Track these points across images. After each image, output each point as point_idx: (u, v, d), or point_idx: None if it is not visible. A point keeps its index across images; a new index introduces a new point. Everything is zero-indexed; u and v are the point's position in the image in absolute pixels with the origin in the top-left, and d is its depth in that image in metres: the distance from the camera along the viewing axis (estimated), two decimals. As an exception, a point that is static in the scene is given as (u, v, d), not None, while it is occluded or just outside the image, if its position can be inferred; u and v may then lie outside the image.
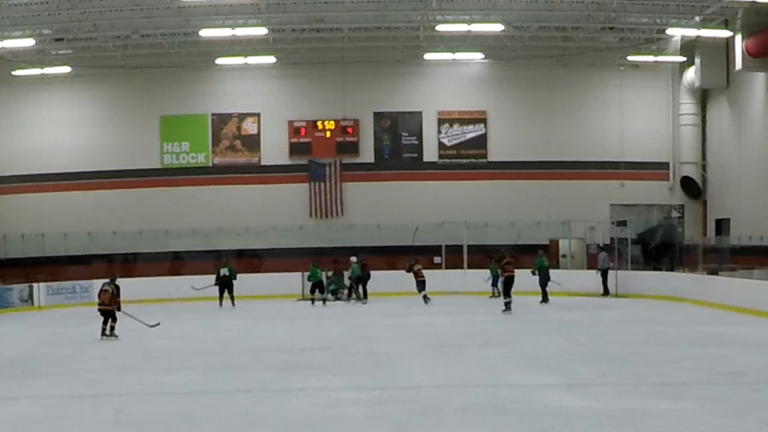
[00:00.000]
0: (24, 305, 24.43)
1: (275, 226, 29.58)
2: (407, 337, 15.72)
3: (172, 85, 30.39)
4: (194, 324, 19.59)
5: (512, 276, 20.51)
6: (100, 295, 16.81)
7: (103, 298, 16.65)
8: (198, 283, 24.52)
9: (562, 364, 12.05)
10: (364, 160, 30.83)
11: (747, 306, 18.87)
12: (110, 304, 16.53)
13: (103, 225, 29.67)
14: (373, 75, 30.41)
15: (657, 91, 30.82)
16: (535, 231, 28.95)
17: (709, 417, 8.33)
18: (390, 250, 28.89)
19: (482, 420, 8.45)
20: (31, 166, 30.45)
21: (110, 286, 16.82)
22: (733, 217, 28.07)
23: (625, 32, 28.09)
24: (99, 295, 16.92)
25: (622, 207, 30.22)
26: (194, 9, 24.82)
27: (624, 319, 18.75)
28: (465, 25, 25.99)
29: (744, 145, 27.50)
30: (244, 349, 14.47)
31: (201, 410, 9.22)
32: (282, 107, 30.83)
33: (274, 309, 23.10)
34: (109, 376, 11.83)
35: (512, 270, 20.59)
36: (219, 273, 24.37)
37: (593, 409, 8.75)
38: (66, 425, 8.65)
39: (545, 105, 30.75)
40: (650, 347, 13.74)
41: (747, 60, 24.98)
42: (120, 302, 16.73)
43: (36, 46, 26.75)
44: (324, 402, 9.47)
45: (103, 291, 16.74)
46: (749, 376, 10.72)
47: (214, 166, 30.92)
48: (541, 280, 23.27)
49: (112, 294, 16.66)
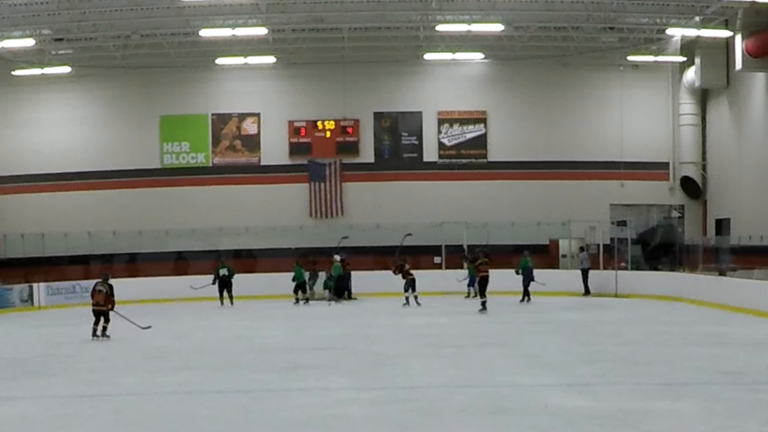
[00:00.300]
0: (24, 305, 24.43)
1: (275, 226, 29.58)
2: (407, 337, 15.72)
3: (172, 85, 30.40)
4: (194, 324, 19.59)
5: (487, 276, 20.90)
6: (95, 296, 16.58)
7: (98, 298, 16.45)
8: (196, 282, 24.61)
9: (562, 364, 12.05)
10: (364, 160, 30.84)
11: (747, 306, 18.88)
12: (105, 305, 16.37)
13: (103, 225, 29.64)
14: (373, 75, 30.42)
15: (657, 91, 30.82)
16: (535, 231, 28.97)
17: (709, 417, 8.33)
18: (390, 250, 28.84)
19: (482, 420, 8.45)
20: (31, 166, 30.45)
21: (104, 286, 16.61)
22: (733, 217, 28.07)
23: (625, 32, 28.09)
24: (93, 296, 16.68)
25: (622, 207, 30.21)
26: (194, 9, 24.82)
27: (624, 319, 18.74)
28: (465, 25, 26.00)
29: (744, 145, 27.50)
30: (244, 349, 14.46)
31: (201, 410, 9.22)
32: (282, 107, 30.84)
33: (274, 309, 23.11)
34: (109, 376, 11.83)
35: (487, 270, 20.97)
36: (218, 273, 24.53)
37: (593, 409, 8.75)
38: (66, 425, 8.65)
39: (545, 105, 30.76)
40: (650, 347, 13.74)
41: (747, 60, 24.98)
42: (114, 302, 16.57)
43: (36, 46, 26.75)
44: (324, 402, 9.47)
45: (97, 291, 16.53)
46: (749, 376, 10.72)
47: (214, 166, 30.93)
48: (524, 279, 23.56)
49: (107, 294, 16.49)
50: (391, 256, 24.48)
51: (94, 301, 16.52)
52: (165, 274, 28.00)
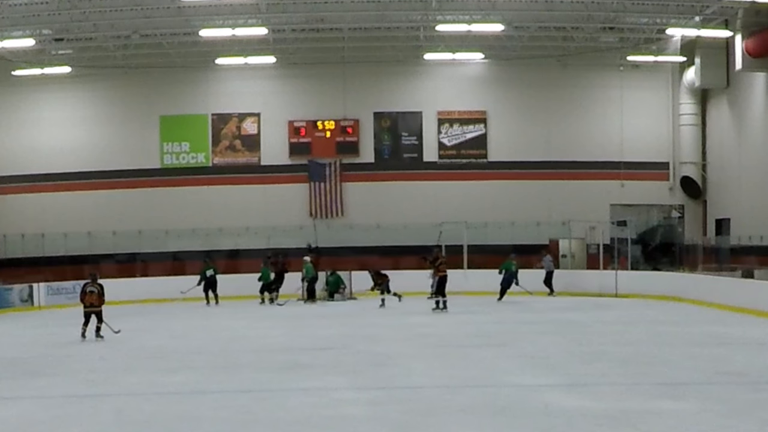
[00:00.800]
0: (24, 305, 24.41)
1: (275, 226, 29.58)
2: (407, 337, 15.72)
3: (172, 85, 30.41)
4: (194, 324, 19.59)
5: (445, 276, 21.06)
6: (86, 297, 16.20)
7: (91, 299, 16.14)
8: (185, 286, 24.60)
9: (562, 364, 12.04)
10: (364, 160, 30.84)
11: (747, 306, 18.87)
12: (99, 305, 16.13)
13: (103, 225, 29.66)
14: (373, 75, 30.42)
15: (657, 91, 30.83)
16: (535, 231, 28.97)
17: (709, 417, 8.33)
18: (390, 250, 28.90)
19: (482, 420, 8.45)
20: (31, 166, 30.46)
21: (95, 286, 16.28)
22: (733, 217, 28.07)
23: (625, 32, 28.10)
24: (84, 297, 16.28)
25: (622, 207, 30.22)
26: (194, 9, 24.82)
27: (624, 319, 18.73)
28: (465, 25, 25.99)
29: (744, 145, 27.49)
30: (244, 349, 14.46)
31: (201, 410, 9.22)
32: (282, 107, 30.84)
33: (274, 309, 23.11)
34: (109, 376, 11.83)
35: (445, 270, 21.12)
36: (205, 273, 24.55)
37: (593, 409, 8.75)
38: (66, 425, 8.64)
39: (545, 105, 30.76)
40: (650, 347, 13.73)
41: (747, 60, 24.99)
42: (104, 300, 16.31)
43: (36, 46, 26.76)
44: (324, 402, 9.47)
45: (89, 292, 16.18)
46: (749, 376, 10.72)
47: (214, 166, 30.92)
48: (503, 281, 23.64)
49: (98, 294, 16.21)
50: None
51: (87, 302, 16.20)
52: (165, 273, 28.00)
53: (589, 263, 28.35)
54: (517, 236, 28.64)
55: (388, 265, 27.08)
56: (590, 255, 28.56)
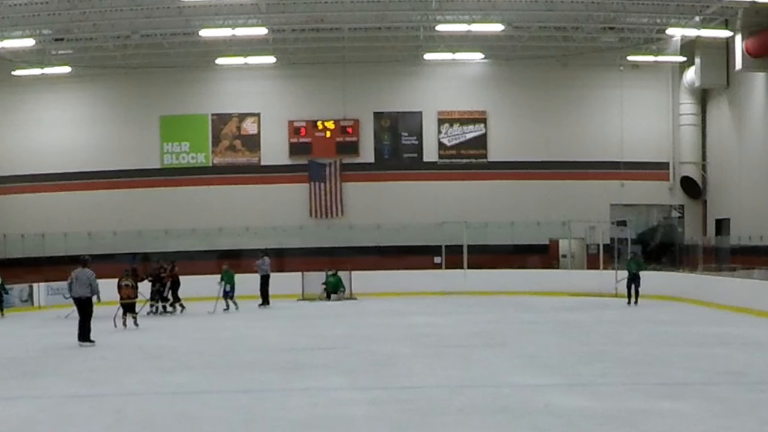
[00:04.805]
0: (24, 305, 24.42)
1: (275, 226, 29.58)
2: (407, 337, 15.71)
3: (172, 85, 30.41)
4: (194, 324, 19.58)
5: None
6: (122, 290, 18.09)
7: (127, 292, 18.06)
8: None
9: (562, 364, 12.04)
10: (364, 160, 30.84)
11: (747, 306, 18.88)
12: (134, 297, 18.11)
13: (103, 225, 29.68)
14: (373, 75, 30.42)
15: (657, 91, 30.83)
16: (535, 231, 28.98)
17: (709, 417, 8.33)
18: (390, 250, 28.90)
19: (482, 420, 8.45)
20: (31, 166, 30.47)
21: (129, 280, 18.19)
22: (733, 217, 28.06)
23: (625, 32, 28.09)
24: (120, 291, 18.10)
25: (622, 207, 30.23)
26: (194, 9, 24.82)
27: (624, 319, 18.74)
28: (465, 25, 26.00)
29: (744, 145, 27.49)
30: (244, 349, 14.46)
31: (201, 410, 9.22)
32: (282, 107, 30.84)
33: (274, 309, 23.10)
34: (109, 376, 11.82)
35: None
36: None
37: (594, 409, 8.74)
38: (66, 425, 8.64)
39: (545, 105, 30.75)
40: (650, 347, 13.73)
41: (747, 60, 24.99)
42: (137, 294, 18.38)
43: (36, 46, 26.76)
44: (324, 402, 9.47)
45: (124, 286, 18.07)
46: (749, 376, 10.72)
47: (214, 166, 30.92)
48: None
49: (133, 287, 18.16)
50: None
51: (124, 294, 18.04)
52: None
53: (589, 263, 28.34)
54: (517, 236, 28.68)
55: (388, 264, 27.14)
56: (590, 255, 28.55)
